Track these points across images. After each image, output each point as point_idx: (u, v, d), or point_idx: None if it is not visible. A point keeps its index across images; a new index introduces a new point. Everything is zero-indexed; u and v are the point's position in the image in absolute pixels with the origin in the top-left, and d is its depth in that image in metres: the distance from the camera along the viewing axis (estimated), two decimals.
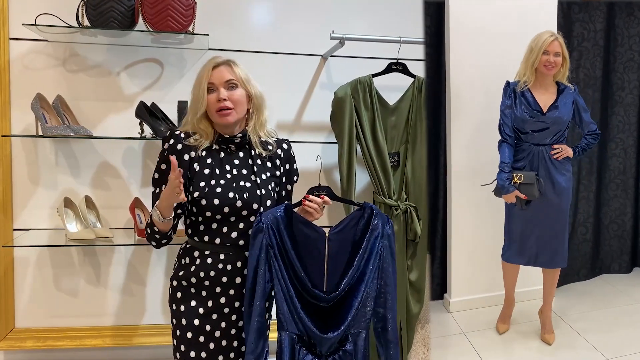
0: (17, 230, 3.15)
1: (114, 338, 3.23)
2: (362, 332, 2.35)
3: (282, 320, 2.28)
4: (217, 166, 2.35)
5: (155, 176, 2.34)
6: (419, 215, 3.09)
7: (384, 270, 2.35)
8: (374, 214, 2.35)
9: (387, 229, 2.36)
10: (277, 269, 2.26)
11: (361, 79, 3.09)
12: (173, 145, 2.32)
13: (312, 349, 2.31)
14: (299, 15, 3.39)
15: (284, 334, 2.28)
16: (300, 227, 2.32)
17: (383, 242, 2.34)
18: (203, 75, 2.32)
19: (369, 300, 2.34)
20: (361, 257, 2.31)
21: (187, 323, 2.34)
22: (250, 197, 2.34)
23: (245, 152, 2.43)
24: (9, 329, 3.17)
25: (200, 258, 2.34)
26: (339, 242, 2.34)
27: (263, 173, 2.42)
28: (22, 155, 3.13)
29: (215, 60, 2.35)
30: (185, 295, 2.36)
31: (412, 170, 3.13)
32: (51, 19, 2.94)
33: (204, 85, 2.30)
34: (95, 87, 3.18)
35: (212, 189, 2.30)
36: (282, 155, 2.50)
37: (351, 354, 2.32)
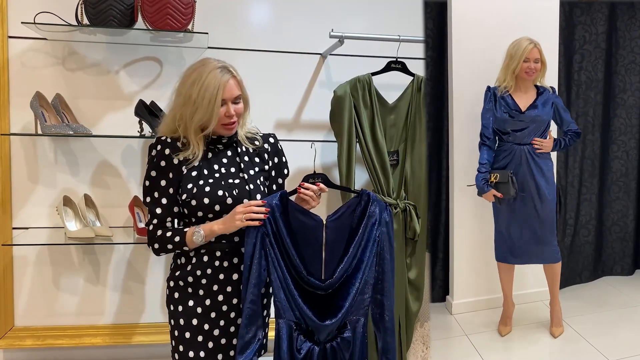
0: (17, 229, 3.15)
1: (113, 336, 3.22)
2: (361, 319, 2.34)
3: (280, 308, 2.27)
4: (205, 167, 2.35)
5: (146, 183, 2.33)
6: (418, 214, 3.08)
7: (381, 257, 2.34)
8: (371, 200, 2.34)
9: (385, 215, 2.34)
10: (273, 256, 2.26)
11: (360, 78, 3.09)
12: (161, 150, 2.31)
13: (311, 336, 2.30)
14: (298, 13, 3.39)
15: (282, 321, 2.27)
16: (296, 215, 2.31)
17: (381, 229, 2.33)
18: (217, 89, 2.25)
19: (367, 287, 2.33)
20: (357, 244, 2.30)
21: (185, 323, 2.34)
22: (240, 193, 2.34)
23: (233, 150, 2.44)
24: (8, 328, 3.16)
25: (196, 257, 2.34)
26: (336, 229, 2.33)
27: (251, 168, 2.43)
28: (21, 154, 3.14)
29: (226, 74, 2.28)
30: (182, 295, 2.35)
31: (411, 168, 3.12)
32: (50, 17, 2.94)
33: (218, 100, 2.25)
34: (94, 86, 3.18)
35: (200, 189, 2.29)
36: (270, 149, 2.50)
37: (349, 341, 2.31)
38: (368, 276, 2.32)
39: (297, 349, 2.28)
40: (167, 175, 2.30)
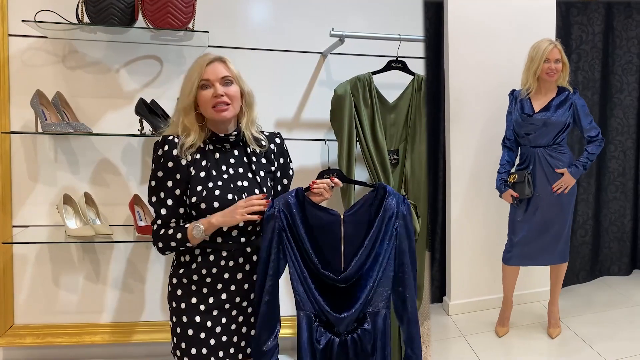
0: (17, 227, 3.16)
1: (113, 335, 3.23)
2: (382, 311, 2.32)
3: (299, 300, 2.28)
4: (213, 167, 2.34)
5: (152, 184, 2.31)
6: (418, 213, 3.09)
7: (400, 250, 2.33)
8: (387, 193, 2.33)
9: (402, 208, 2.33)
10: (290, 251, 2.26)
11: (361, 77, 3.09)
12: (168, 151, 2.28)
13: (331, 327, 2.30)
14: (298, 12, 3.40)
15: (302, 313, 2.28)
16: (313, 211, 2.30)
17: (399, 222, 2.32)
18: (195, 72, 2.29)
19: (386, 280, 2.32)
20: (373, 238, 2.29)
21: (188, 320, 2.33)
22: (250, 196, 2.33)
23: (240, 150, 2.42)
24: (8, 326, 3.16)
25: (202, 256, 2.33)
26: (354, 223, 2.32)
27: (261, 170, 2.42)
28: (22, 152, 3.14)
29: (208, 56, 2.31)
30: (185, 293, 2.35)
31: (411, 167, 3.13)
32: (51, 15, 2.94)
33: (195, 81, 2.27)
34: (94, 84, 3.19)
35: (210, 192, 2.28)
36: (276, 149, 2.50)
37: (370, 332, 2.30)
38: (387, 269, 2.32)
39: (317, 339, 2.28)
40: (174, 176, 2.28)
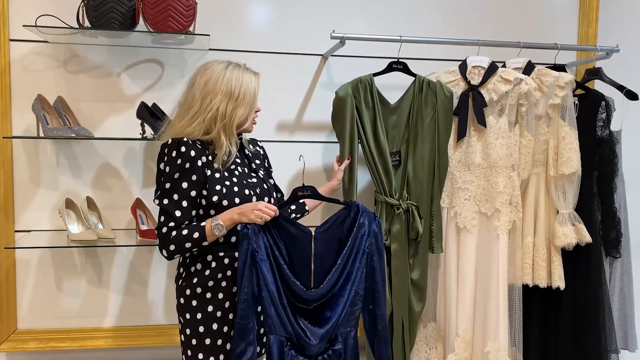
0: (19, 232, 3.16)
1: (116, 339, 3.22)
2: (352, 331, 2.36)
3: (270, 324, 2.28)
4: (224, 168, 2.39)
5: (166, 185, 2.31)
6: (421, 214, 3.08)
7: (372, 268, 2.35)
8: (360, 211, 2.35)
9: (374, 227, 2.36)
10: (264, 272, 2.25)
11: (362, 78, 3.08)
12: (186, 152, 2.30)
13: (302, 350, 2.31)
14: (299, 15, 3.39)
15: (273, 337, 2.28)
16: (285, 226, 2.32)
17: (370, 240, 2.35)
18: (251, 97, 2.43)
19: (358, 299, 2.34)
20: (346, 256, 2.31)
21: (205, 329, 2.35)
22: (261, 191, 2.44)
23: (240, 152, 2.52)
24: (11, 331, 3.16)
25: (216, 261, 2.36)
26: (325, 241, 2.34)
27: (259, 169, 2.54)
28: (23, 157, 3.14)
29: (257, 78, 2.48)
30: (200, 302, 2.36)
31: (413, 169, 3.12)
32: (52, 20, 2.95)
33: (252, 105, 2.45)
34: (96, 88, 3.18)
35: (229, 189, 2.34)
36: (262, 152, 2.68)
37: (340, 353, 2.32)
38: (358, 287, 2.33)
39: None
40: (190, 178, 2.30)
